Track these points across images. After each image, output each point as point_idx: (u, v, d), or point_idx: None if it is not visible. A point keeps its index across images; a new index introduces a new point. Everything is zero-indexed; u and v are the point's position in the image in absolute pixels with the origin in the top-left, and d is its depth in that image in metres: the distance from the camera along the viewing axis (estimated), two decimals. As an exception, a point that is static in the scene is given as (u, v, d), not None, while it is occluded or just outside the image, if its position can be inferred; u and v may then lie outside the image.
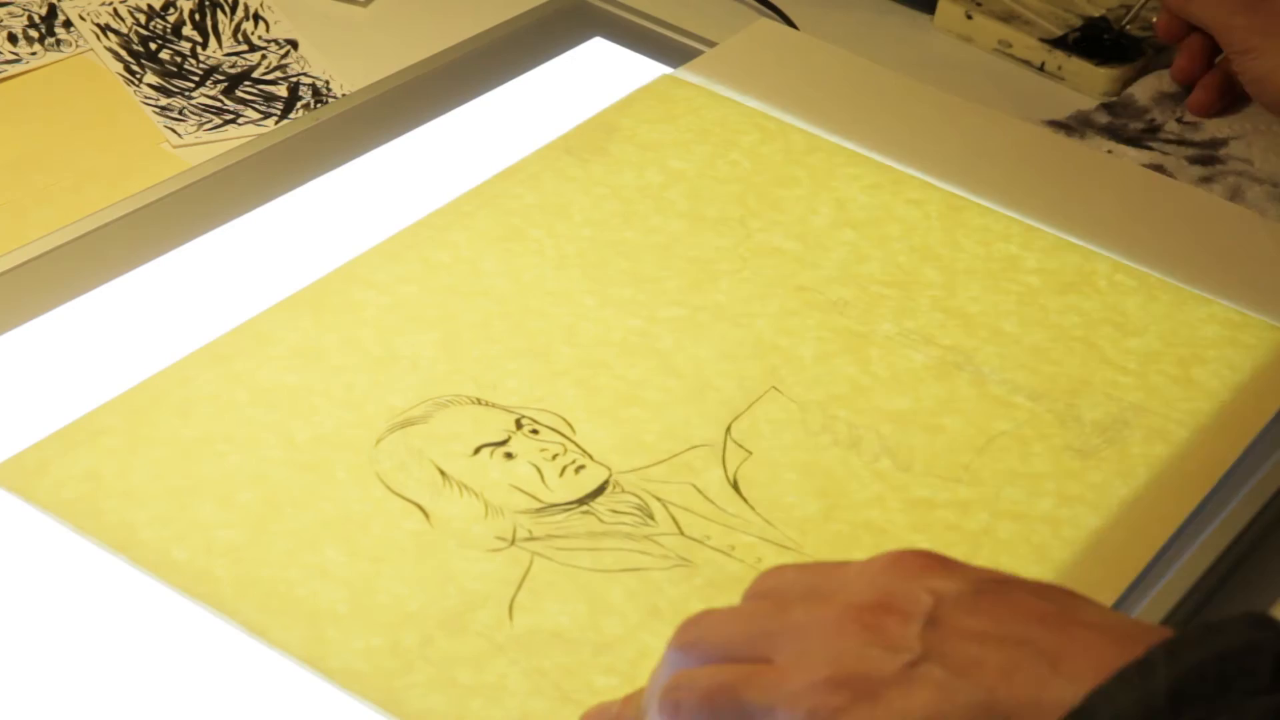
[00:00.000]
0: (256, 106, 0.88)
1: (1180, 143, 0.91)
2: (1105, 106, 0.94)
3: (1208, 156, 0.91)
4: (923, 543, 0.64)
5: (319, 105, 0.88)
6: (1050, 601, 0.47)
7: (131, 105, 0.88)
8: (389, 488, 0.64)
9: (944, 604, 0.47)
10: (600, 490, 0.65)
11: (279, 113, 0.88)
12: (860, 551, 0.64)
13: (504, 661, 0.58)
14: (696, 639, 0.50)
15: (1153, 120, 0.93)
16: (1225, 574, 0.66)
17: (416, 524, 0.63)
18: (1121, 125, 0.92)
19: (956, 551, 0.62)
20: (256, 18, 0.95)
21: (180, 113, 0.87)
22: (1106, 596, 0.63)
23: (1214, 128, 0.93)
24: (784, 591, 0.50)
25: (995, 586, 0.48)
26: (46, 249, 0.74)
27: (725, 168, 0.82)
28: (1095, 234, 0.80)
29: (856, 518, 0.65)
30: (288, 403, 0.67)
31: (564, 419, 0.68)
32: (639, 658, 0.59)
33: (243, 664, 0.58)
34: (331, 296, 0.72)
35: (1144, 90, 0.95)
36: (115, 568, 0.60)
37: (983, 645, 0.46)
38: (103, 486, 0.62)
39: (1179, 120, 0.93)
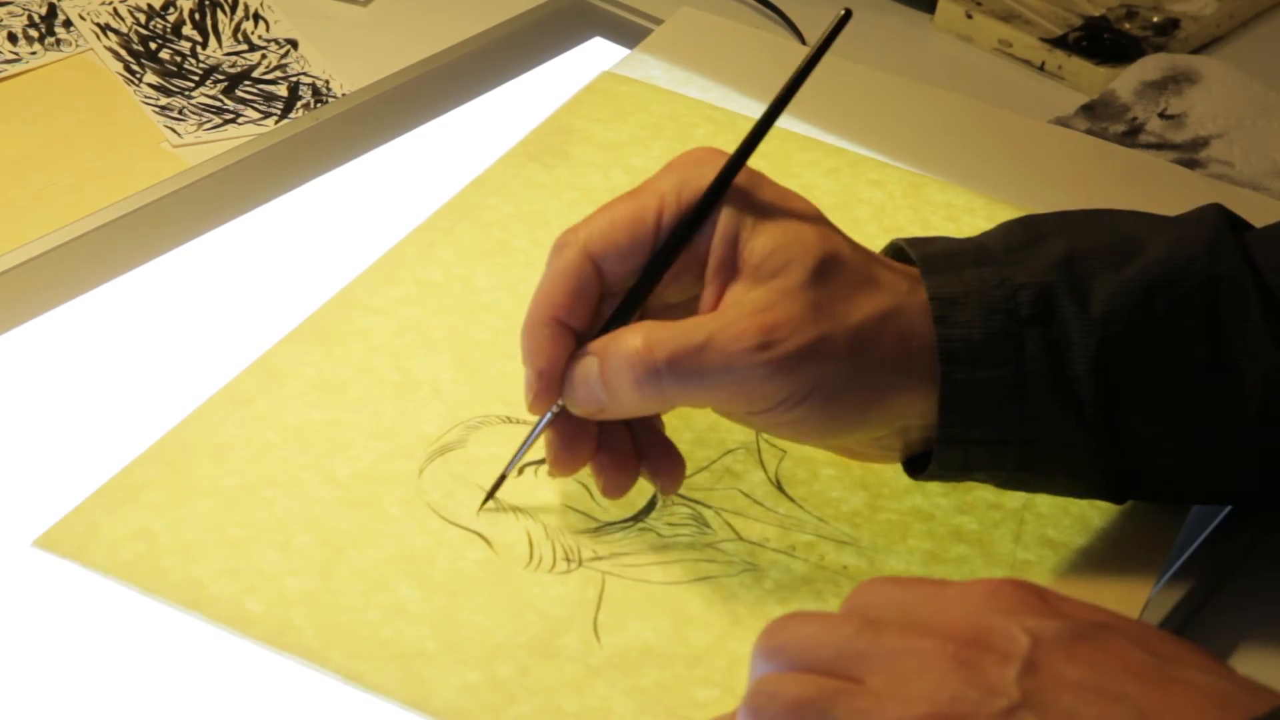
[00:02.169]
0: (256, 106, 0.88)
1: (1161, 146, 0.91)
2: (1085, 109, 0.94)
3: (1188, 160, 0.90)
4: (969, 524, 0.65)
5: (319, 105, 0.88)
6: (1151, 653, 0.46)
7: (131, 105, 0.88)
8: (444, 518, 0.63)
9: (1042, 646, 0.46)
10: (651, 505, 0.65)
11: (279, 112, 0.88)
12: (913, 538, 0.64)
13: (603, 684, 0.58)
14: (783, 644, 0.49)
15: (1134, 119, 0.93)
16: (1222, 576, 0.66)
17: (481, 553, 0.62)
18: (1101, 130, 0.92)
19: (1002, 531, 0.64)
20: (256, 17, 0.95)
21: (180, 112, 0.87)
22: (1146, 567, 0.63)
23: (1197, 124, 0.93)
24: (880, 609, 0.49)
25: (1095, 631, 0.47)
26: (46, 249, 0.74)
27: None
28: (1054, 201, 0.79)
29: (902, 505, 0.65)
30: (321, 440, 0.65)
31: None
32: (731, 666, 0.59)
33: (339, 713, 0.57)
34: (335, 325, 0.71)
35: (1126, 83, 0.95)
36: (185, 626, 0.59)
37: (1079, 696, 0.45)
38: (159, 544, 0.61)
39: (1162, 115, 0.93)
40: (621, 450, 0.62)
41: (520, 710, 0.57)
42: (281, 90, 0.90)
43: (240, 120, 0.87)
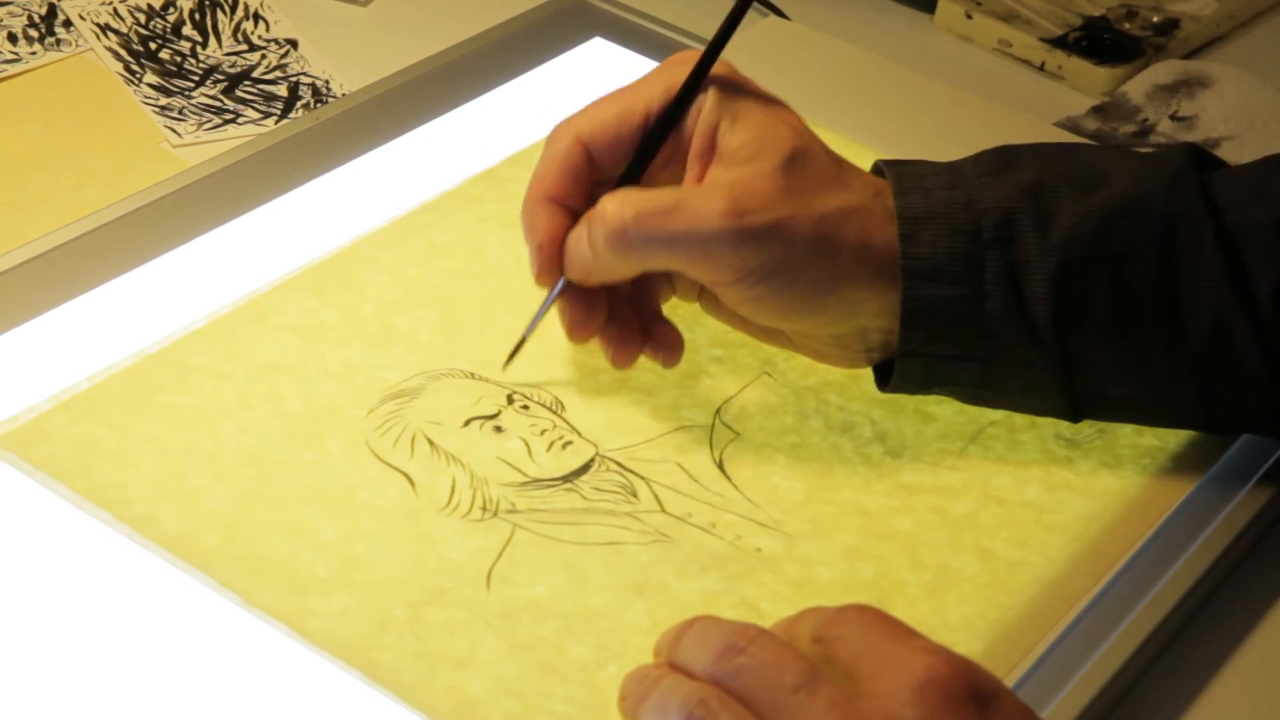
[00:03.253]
0: (256, 106, 0.88)
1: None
2: (1096, 110, 0.94)
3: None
4: (904, 525, 0.65)
5: (319, 105, 0.88)
6: None
7: (131, 105, 0.88)
8: (378, 456, 0.65)
9: None
10: (586, 468, 0.66)
11: (279, 112, 0.88)
12: (842, 531, 0.64)
13: (480, 630, 0.59)
14: (741, 667, 0.52)
15: (1145, 120, 0.93)
16: (1219, 579, 0.66)
17: (400, 492, 0.64)
18: (1111, 130, 0.92)
19: (938, 535, 0.64)
20: (256, 17, 0.95)
21: (180, 112, 0.88)
22: (1088, 586, 0.63)
23: (1208, 127, 0.93)
24: (839, 646, 0.52)
25: None
26: (46, 248, 0.74)
27: None
28: None
29: (841, 499, 0.66)
30: (283, 376, 0.68)
31: (557, 397, 0.69)
32: (615, 630, 0.59)
33: (225, 625, 0.59)
34: (334, 275, 0.73)
35: (1138, 85, 0.95)
36: (107, 533, 0.62)
37: None
38: (97, 449, 0.64)
39: (1173, 117, 0.93)
40: (627, 324, 0.67)
41: (391, 642, 0.58)
42: (281, 90, 0.90)
43: (240, 120, 0.87)
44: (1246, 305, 0.63)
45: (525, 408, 0.68)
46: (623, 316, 0.67)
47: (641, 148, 0.65)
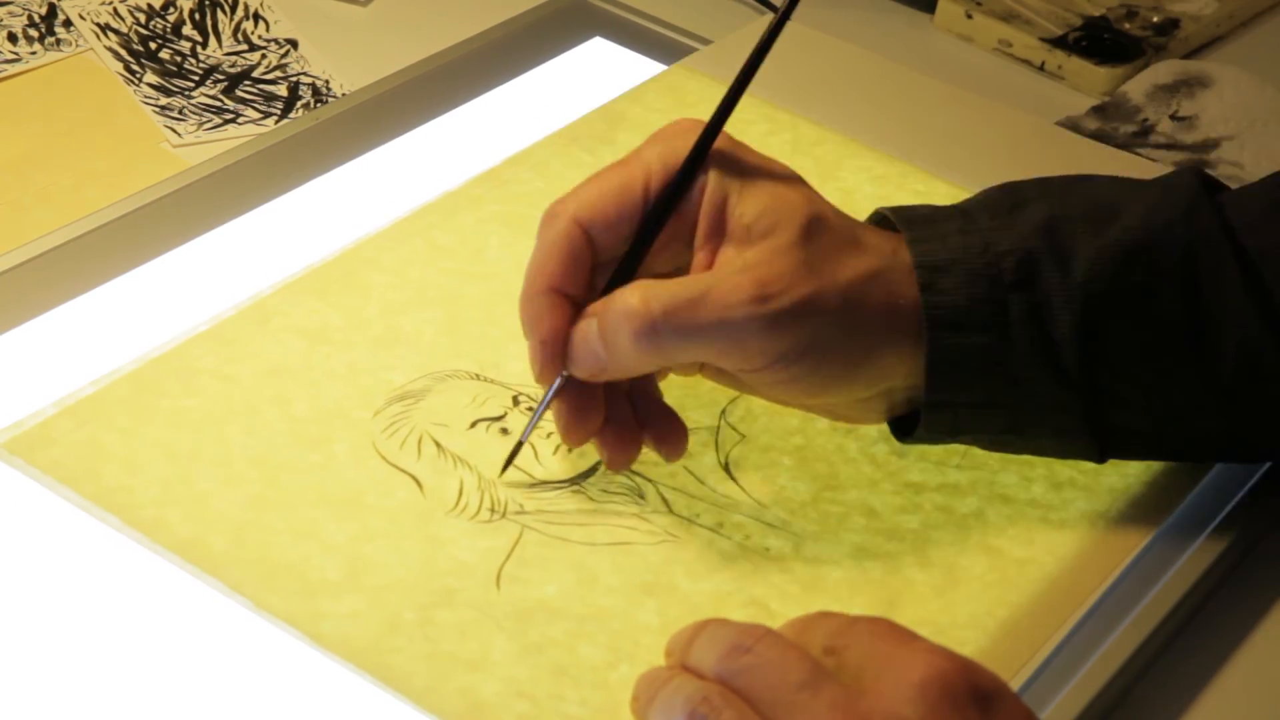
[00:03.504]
0: (256, 106, 0.88)
1: (1170, 146, 0.91)
2: (1096, 110, 0.94)
3: (1197, 161, 0.90)
4: (910, 523, 0.65)
5: (319, 105, 0.88)
6: None
7: (131, 105, 0.88)
8: (384, 458, 0.65)
9: None
10: (593, 470, 0.66)
11: (279, 112, 0.88)
12: (849, 531, 0.64)
13: (491, 631, 0.59)
14: (747, 666, 0.52)
15: (1145, 120, 0.93)
16: (1222, 576, 0.66)
17: (409, 494, 0.63)
18: (1111, 130, 0.92)
19: (945, 534, 0.64)
20: (256, 17, 0.95)
21: (180, 112, 0.87)
22: (1095, 583, 0.63)
23: (1208, 127, 0.93)
24: (843, 657, 0.52)
25: None
26: (46, 248, 0.74)
27: None
28: None
29: (848, 499, 0.66)
30: (289, 379, 0.68)
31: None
32: (625, 630, 0.59)
33: (235, 629, 0.59)
34: (338, 277, 0.73)
35: (1138, 85, 0.95)
36: (114, 538, 0.61)
37: None
38: (104, 453, 0.63)
39: (1173, 117, 0.93)
40: (624, 422, 0.63)
41: (402, 645, 0.58)
42: (281, 90, 0.89)
43: (240, 120, 0.87)
44: (1273, 324, 0.62)
45: (531, 409, 0.68)
46: (620, 413, 0.64)
47: (643, 229, 0.62)
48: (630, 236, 0.62)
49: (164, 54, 0.92)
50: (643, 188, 0.62)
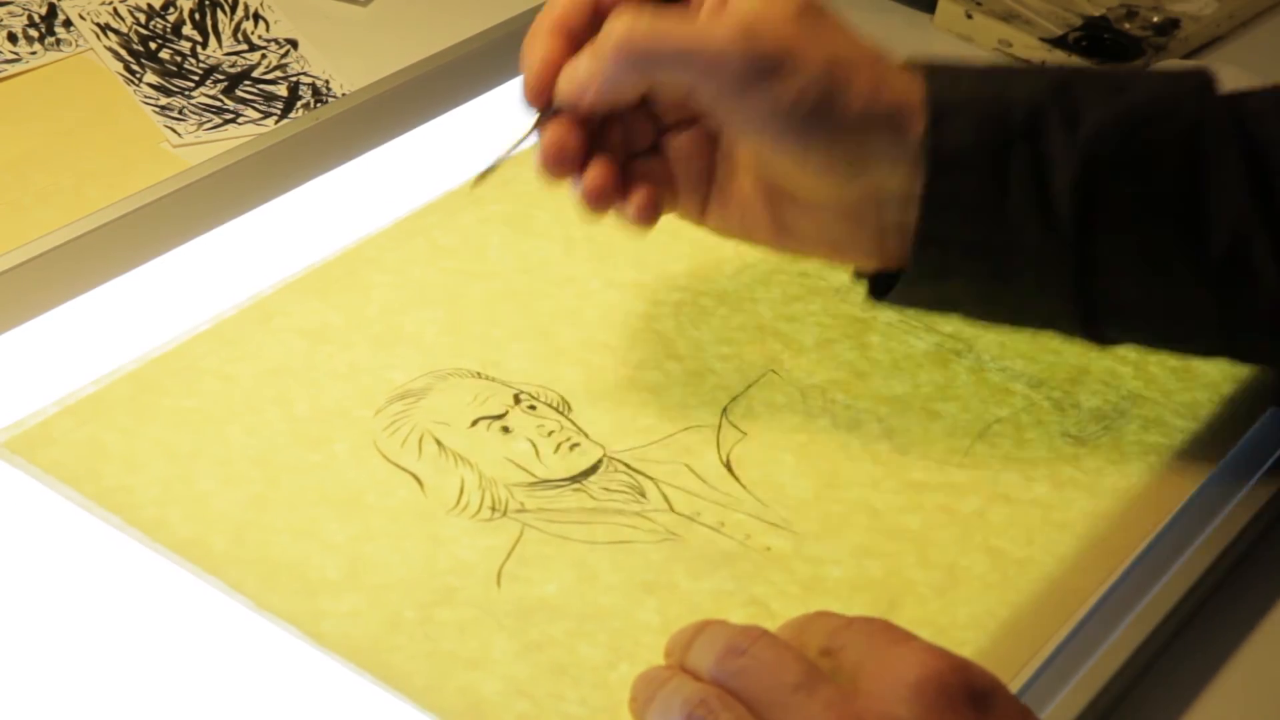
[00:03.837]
0: (256, 106, 0.88)
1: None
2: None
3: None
4: (912, 523, 0.65)
5: (319, 105, 0.88)
6: None
7: (131, 105, 0.88)
8: (386, 457, 0.65)
9: None
10: (594, 469, 0.66)
11: (279, 112, 0.88)
12: (851, 530, 0.64)
13: (492, 630, 0.59)
14: (743, 667, 0.52)
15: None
16: (1224, 575, 0.66)
17: (410, 492, 0.63)
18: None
19: (946, 533, 0.64)
20: (256, 17, 0.95)
21: (180, 112, 0.87)
22: (1096, 583, 0.63)
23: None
24: (839, 659, 0.52)
25: None
26: (47, 248, 0.74)
27: None
28: None
29: (849, 498, 0.66)
30: (290, 378, 0.68)
31: (563, 397, 0.68)
32: (626, 629, 0.59)
33: (235, 628, 0.59)
34: (338, 277, 0.73)
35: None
36: (115, 537, 0.61)
37: None
38: (105, 453, 0.64)
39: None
40: (605, 170, 0.64)
41: (402, 644, 0.58)
42: (281, 90, 0.90)
43: (240, 120, 0.87)
44: (1269, 219, 0.63)
45: (532, 408, 0.68)
46: (601, 161, 0.65)
47: None
48: None
49: (164, 54, 0.92)
50: None
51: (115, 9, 0.94)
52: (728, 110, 0.63)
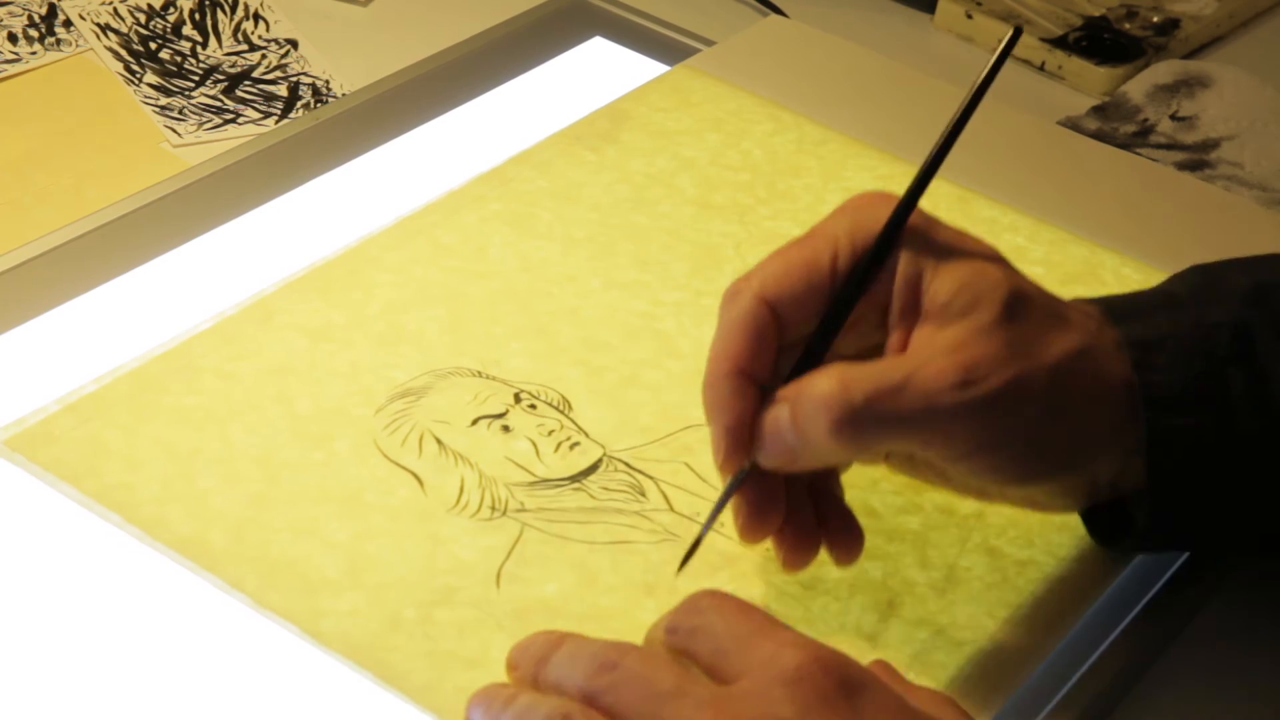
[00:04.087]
0: (256, 106, 0.88)
1: (1171, 146, 0.91)
2: (1097, 109, 0.94)
3: (1197, 161, 0.90)
4: (911, 524, 0.65)
5: (319, 105, 0.88)
6: None
7: (131, 105, 0.88)
8: (386, 456, 0.65)
9: None
10: (594, 468, 0.66)
11: (279, 112, 0.88)
12: None
13: (490, 630, 0.59)
14: (615, 682, 0.51)
15: (1145, 120, 0.93)
16: (1223, 576, 0.66)
17: (409, 491, 0.63)
18: (1111, 130, 0.92)
19: (945, 534, 0.64)
20: (256, 17, 0.95)
21: (180, 112, 0.87)
22: (1095, 584, 0.63)
23: (1208, 127, 0.93)
24: (700, 640, 0.51)
25: None
26: (47, 248, 0.74)
27: (737, 156, 0.83)
28: (1102, 228, 0.81)
29: (849, 498, 0.65)
30: (291, 377, 0.68)
31: (563, 396, 0.68)
32: (625, 630, 0.59)
33: (235, 626, 0.59)
34: (340, 276, 0.73)
35: (1138, 85, 0.95)
36: (115, 535, 0.61)
37: None
38: (105, 450, 0.64)
39: (1173, 117, 0.93)
40: (804, 518, 0.60)
41: (402, 643, 0.58)
42: (281, 90, 0.90)
43: (240, 120, 0.87)
44: None
45: (533, 407, 0.68)
46: (800, 507, 0.60)
47: (834, 308, 0.58)
48: (817, 315, 0.58)
49: (164, 54, 0.92)
50: (830, 263, 0.58)
51: (115, 9, 0.94)
52: (951, 464, 0.58)
